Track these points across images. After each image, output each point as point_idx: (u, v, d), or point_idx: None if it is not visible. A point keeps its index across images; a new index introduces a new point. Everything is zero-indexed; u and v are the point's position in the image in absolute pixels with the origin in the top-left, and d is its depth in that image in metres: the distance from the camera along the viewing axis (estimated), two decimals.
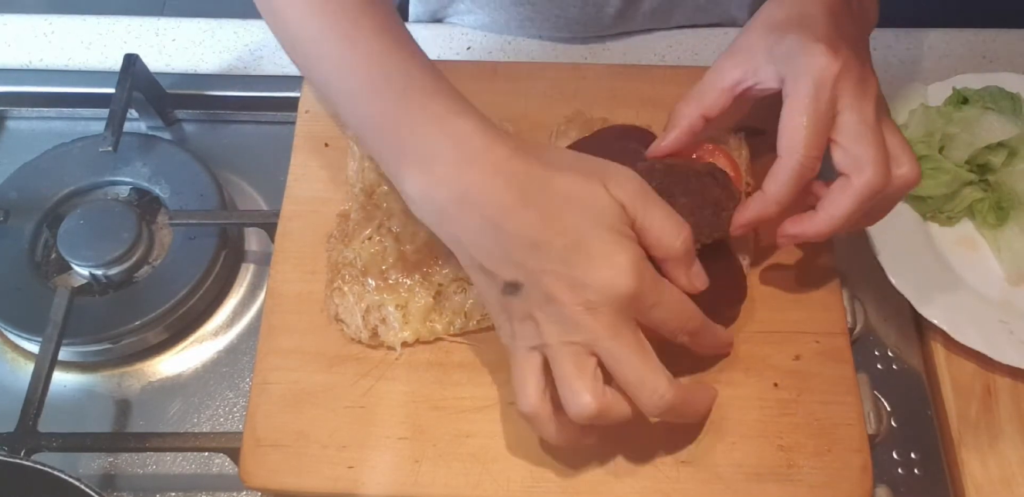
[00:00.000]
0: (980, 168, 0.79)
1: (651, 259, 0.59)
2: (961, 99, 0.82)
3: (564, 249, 0.56)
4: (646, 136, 0.75)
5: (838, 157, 0.62)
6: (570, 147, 0.75)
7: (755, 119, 0.80)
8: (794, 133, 0.62)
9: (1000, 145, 0.78)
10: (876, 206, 0.65)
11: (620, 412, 0.58)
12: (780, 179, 0.63)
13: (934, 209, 0.79)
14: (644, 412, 0.58)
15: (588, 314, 0.55)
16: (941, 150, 0.79)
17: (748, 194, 0.76)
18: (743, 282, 0.70)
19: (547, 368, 0.59)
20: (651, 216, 0.59)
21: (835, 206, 0.62)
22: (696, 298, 0.68)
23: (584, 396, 0.56)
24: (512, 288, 0.58)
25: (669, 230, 0.59)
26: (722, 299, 0.69)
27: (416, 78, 0.62)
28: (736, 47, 0.68)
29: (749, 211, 0.66)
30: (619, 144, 0.74)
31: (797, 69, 0.62)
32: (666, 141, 0.69)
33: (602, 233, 0.57)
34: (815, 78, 0.61)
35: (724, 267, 0.70)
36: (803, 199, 0.65)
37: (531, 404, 0.59)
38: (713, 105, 0.67)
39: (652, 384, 0.56)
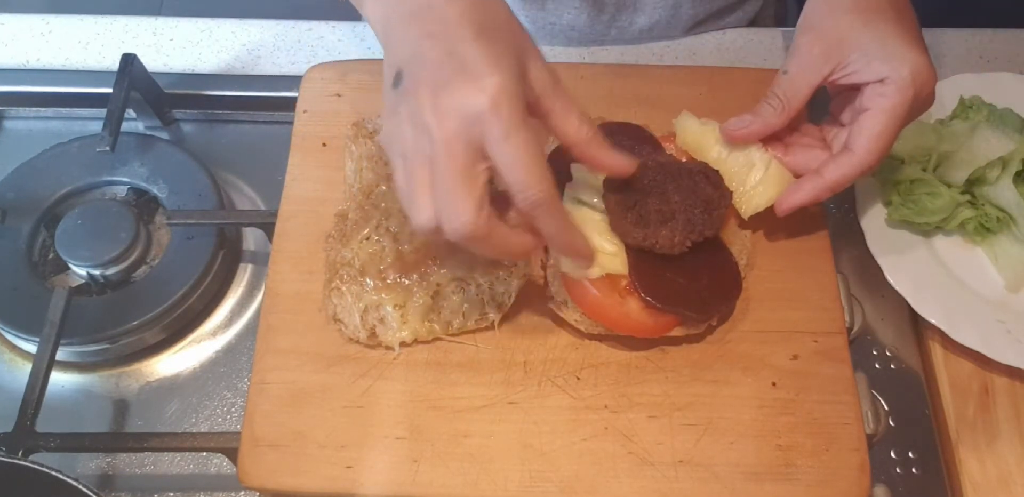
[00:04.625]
0: (969, 183, 0.78)
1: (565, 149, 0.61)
2: (967, 107, 0.81)
3: (445, 53, 0.55)
4: (639, 133, 0.75)
5: (854, 136, 0.68)
6: None
7: None
8: (880, 135, 0.67)
9: (997, 159, 0.77)
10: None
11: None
12: (845, 171, 0.68)
13: (929, 229, 0.78)
14: (445, 234, 0.57)
15: (435, 118, 0.54)
16: (936, 169, 0.78)
17: None
18: (738, 278, 0.70)
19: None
20: (559, 99, 0.59)
21: (833, 174, 0.69)
22: (691, 293, 0.68)
23: (422, 213, 0.56)
24: (398, 79, 0.57)
25: (574, 116, 0.60)
26: (717, 294, 0.69)
27: None
28: (820, 33, 0.70)
29: (802, 193, 0.69)
30: (612, 140, 0.74)
31: (904, 76, 0.66)
32: (749, 129, 0.71)
33: (487, 57, 0.55)
34: (917, 91, 0.67)
35: (719, 263, 0.70)
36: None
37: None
38: (801, 104, 0.71)
39: (457, 211, 0.55)
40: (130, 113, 0.89)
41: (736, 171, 0.71)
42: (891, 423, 0.75)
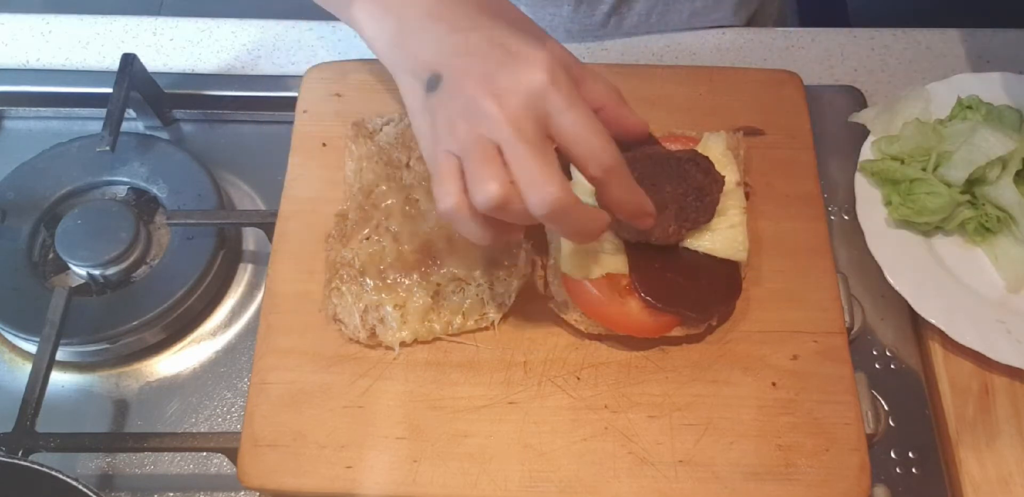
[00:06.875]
0: (969, 183, 0.77)
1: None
2: (964, 108, 0.81)
3: (485, 41, 0.57)
4: None
5: None
6: None
7: (754, 119, 0.80)
8: None
9: (997, 158, 0.77)
10: None
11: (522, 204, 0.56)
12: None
13: (929, 229, 0.78)
14: (529, 209, 0.55)
15: (494, 102, 0.55)
16: (935, 169, 0.77)
17: (746, 194, 0.76)
18: (738, 277, 0.70)
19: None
20: (583, 68, 0.61)
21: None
22: (691, 293, 0.68)
23: (490, 184, 0.55)
24: (434, 81, 0.58)
25: (600, 80, 0.62)
26: (717, 294, 0.69)
27: None
28: None
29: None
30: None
31: None
32: None
33: (525, 38, 0.57)
34: None
35: (719, 263, 0.70)
36: None
37: (451, 203, 0.57)
38: None
39: (543, 182, 0.54)
40: (130, 113, 0.89)
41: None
42: (891, 423, 0.75)
